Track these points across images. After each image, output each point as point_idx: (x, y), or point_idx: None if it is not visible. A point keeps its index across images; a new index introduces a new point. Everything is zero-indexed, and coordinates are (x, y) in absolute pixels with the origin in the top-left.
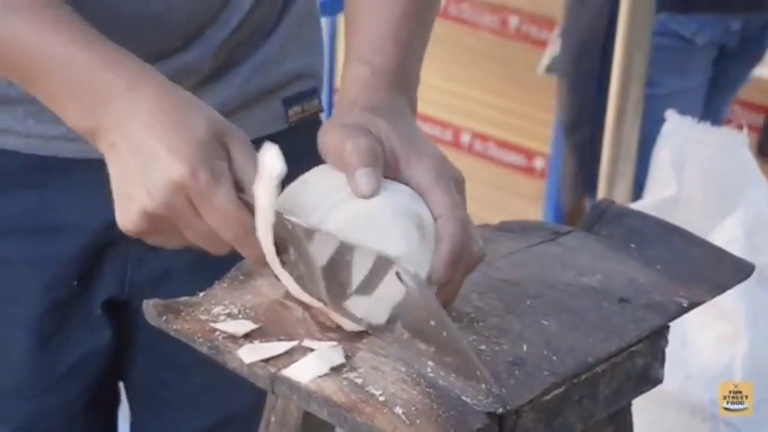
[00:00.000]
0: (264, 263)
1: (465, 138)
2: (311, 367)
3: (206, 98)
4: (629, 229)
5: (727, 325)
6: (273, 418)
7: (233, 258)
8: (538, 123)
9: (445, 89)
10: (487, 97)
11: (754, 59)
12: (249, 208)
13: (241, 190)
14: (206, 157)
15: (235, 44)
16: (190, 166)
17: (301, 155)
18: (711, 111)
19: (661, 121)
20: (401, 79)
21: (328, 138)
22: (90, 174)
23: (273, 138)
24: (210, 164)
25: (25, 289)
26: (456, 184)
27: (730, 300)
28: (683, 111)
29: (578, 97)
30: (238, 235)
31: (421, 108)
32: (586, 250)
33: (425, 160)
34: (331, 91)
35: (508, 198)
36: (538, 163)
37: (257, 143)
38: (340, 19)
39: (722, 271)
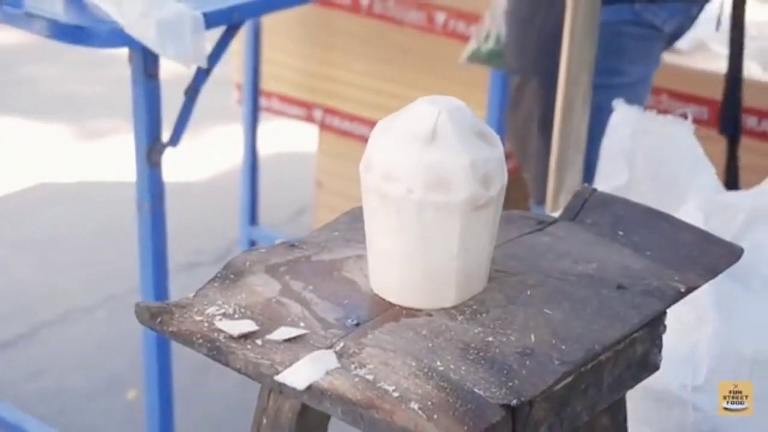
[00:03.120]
0: None
1: None
2: (305, 371)
3: None
4: (615, 216)
5: (690, 310)
6: (265, 420)
7: None
8: None
9: (373, 88)
10: (415, 94)
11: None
12: None
13: None
14: None
15: None
16: None
17: None
18: None
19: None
20: None
21: None
22: None
23: None
24: None
25: None
26: None
27: None
28: (642, 98)
29: (552, 92)
30: None
31: (349, 107)
32: (576, 238)
33: None
34: (255, 92)
35: None
36: None
37: None
38: (262, 21)
39: (712, 255)
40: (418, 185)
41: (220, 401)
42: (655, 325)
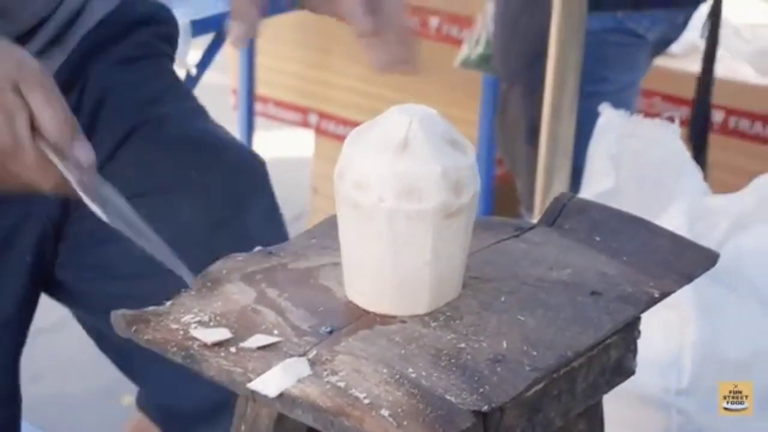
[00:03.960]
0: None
1: None
2: (277, 379)
3: None
4: (592, 222)
5: (673, 313)
6: (243, 427)
7: None
8: (463, 123)
9: (368, 92)
10: (410, 99)
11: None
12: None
13: (41, 137)
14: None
15: None
16: None
17: None
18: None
19: None
20: None
21: None
22: None
23: None
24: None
25: None
26: None
27: None
28: (628, 105)
29: (537, 98)
30: (56, 185)
31: (344, 112)
32: (552, 244)
33: None
34: (251, 97)
35: None
36: None
37: None
38: None
39: (688, 261)
40: (389, 194)
41: None
42: (629, 331)
